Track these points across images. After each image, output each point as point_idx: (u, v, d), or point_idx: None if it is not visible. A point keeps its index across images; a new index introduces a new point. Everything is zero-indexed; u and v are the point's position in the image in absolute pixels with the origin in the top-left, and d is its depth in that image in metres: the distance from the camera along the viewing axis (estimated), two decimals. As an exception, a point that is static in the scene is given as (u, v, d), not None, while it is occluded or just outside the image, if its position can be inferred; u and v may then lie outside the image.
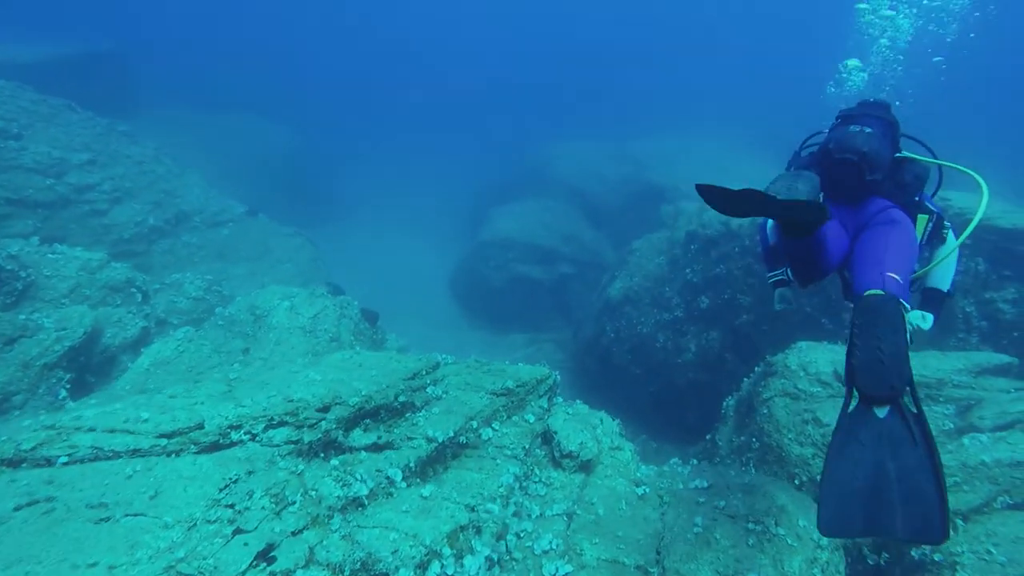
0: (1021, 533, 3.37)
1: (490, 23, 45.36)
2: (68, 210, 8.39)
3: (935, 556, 3.45)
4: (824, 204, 2.06)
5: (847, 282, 2.91)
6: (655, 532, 3.42)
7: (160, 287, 7.70)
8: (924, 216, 2.85)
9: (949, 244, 2.94)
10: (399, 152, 27.96)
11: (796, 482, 4.20)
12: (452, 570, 2.68)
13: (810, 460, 4.14)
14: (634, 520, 3.51)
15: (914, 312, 2.77)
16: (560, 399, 4.61)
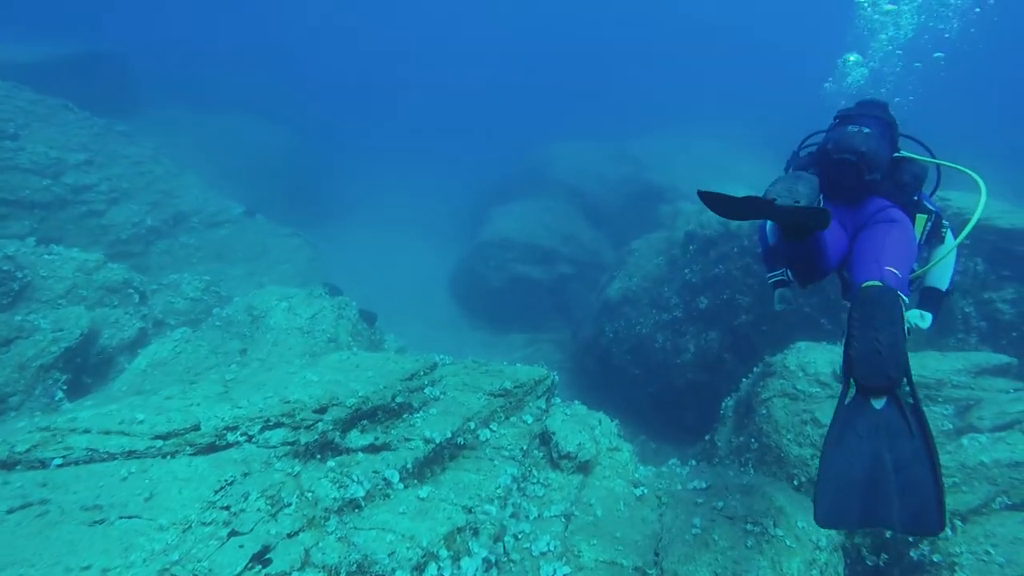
0: (1020, 534, 3.36)
1: (489, 23, 45.37)
2: (65, 211, 8.36)
3: (934, 557, 3.44)
4: (826, 209, 2.06)
5: (846, 282, 2.90)
6: (653, 533, 3.40)
7: (158, 288, 7.67)
8: (923, 216, 2.84)
9: (948, 243, 2.94)
10: (398, 152, 27.96)
11: (795, 483, 4.19)
12: (449, 572, 2.67)
13: (809, 461, 4.13)
14: (632, 521, 3.49)
15: (912, 311, 2.77)
16: (558, 400, 4.60)
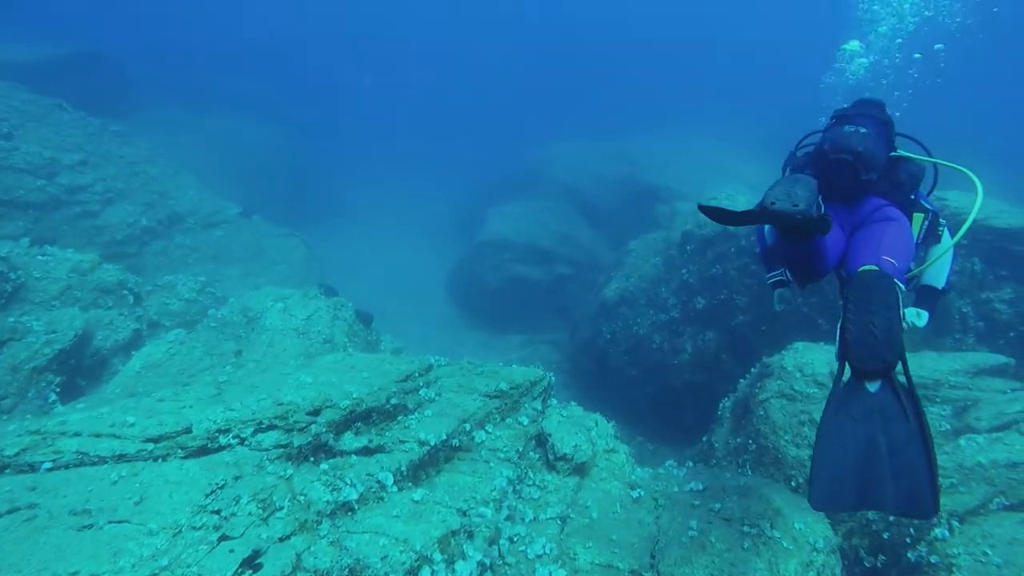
0: (1017, 534, 3.34)
1: (489, 23, 45.35)
2: (59, 211, 8.31)
3: (931, 558, 3.42)
4: (827, 215, 2.06)
5: (844, 281, 2.89)
6: (650, 536, 3.38)
7: (153, 289, 7.64)
8: (920, 214, 2.84)
9: (945, 242, 2.93)
10: (396, 152, 27.93)
11: (793, 484, 4.17)
12: (443, 576, 2.64)
13: (806, 462, 4.11)
14: (628, 523, 3.47)
15: (909, 309, 2.78)
16: (554, 401, 4.58)
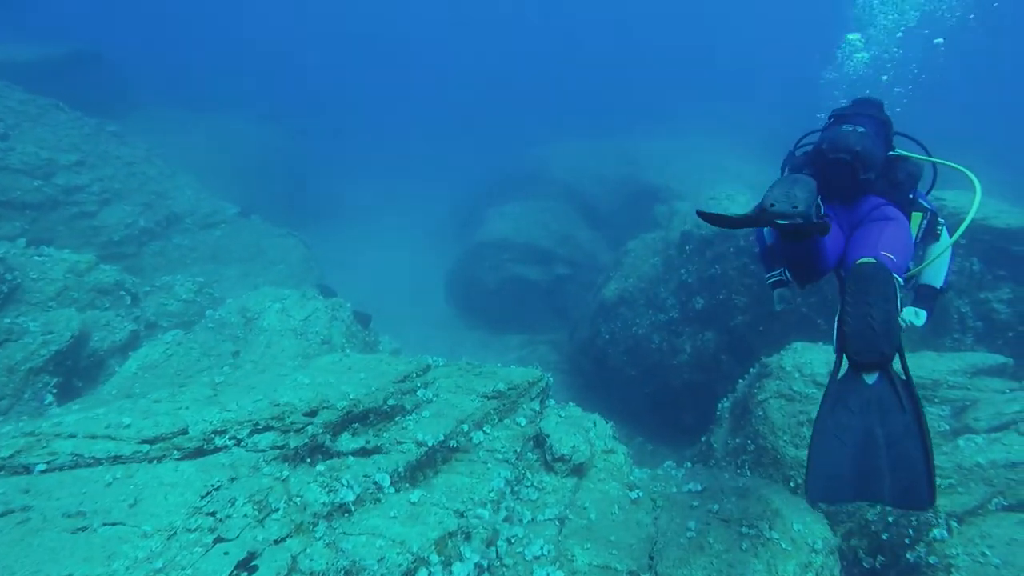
0: (1016, 535, 3.34)
1: (488, 22, 45.34)
2: (56, 212, 8.28)
3: (930, 559, 3.41)
4: (826, 216, 2.05)
5: (843, 280, 2.89)
6: (648, 537, 3.37)
7: (150, 290, 7.61)
8: (918, 214, 2.84)
9: (943, 241, 2.93)
10: (395, 151, 27.92)
11: (791, 484, 4.17)
12: (440, 578, 2.63)
13: (806, 462, 4.10)
14: (627, 525, 3.46)
15: (908, 308, 2.79)
16: (552, 402, 4.56)
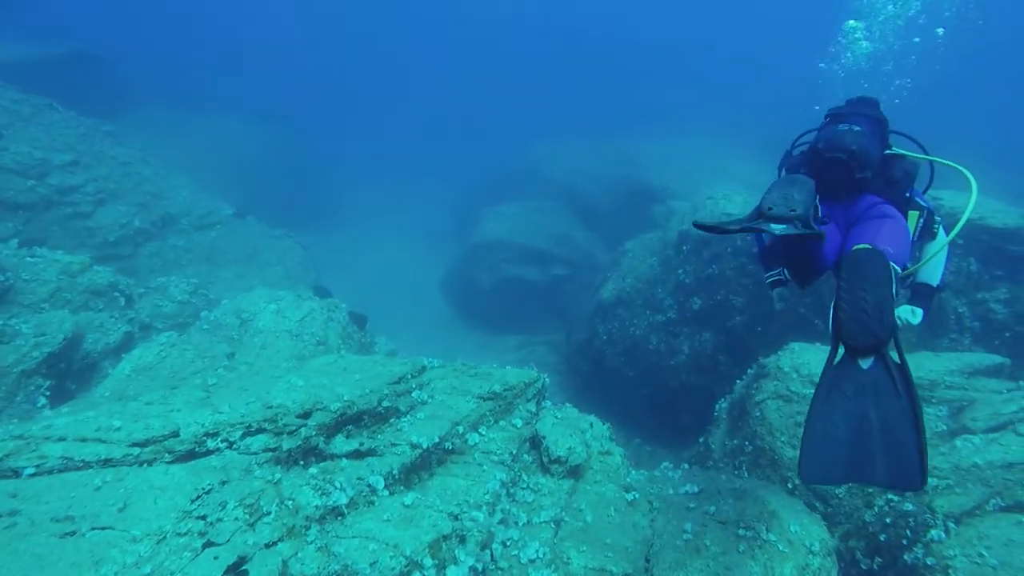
0: (1013, 536, 3.32)
1: (488, 22, 45.31)
2: (50, 212, 8.23)
3: (928, 560, 3.40)
4: (824, 219, 2.05)
5: (838, 267, 2.89)
6: (644, 539, 3.35)
7: (145, 291, 7.56)
8: (915, 212, 2.84)
9: (940, 240, 2.93)
10: (394, 151, 27.88)
11: (789, 485, 4.15)
12: (434, 582, 2.60)
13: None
14: (623, 527, 3.43)
15: (904, 307, 2.80)
16: (549, 403, 4.54)
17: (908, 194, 2.86)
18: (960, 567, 3.26)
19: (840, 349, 2.20)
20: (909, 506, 3.65)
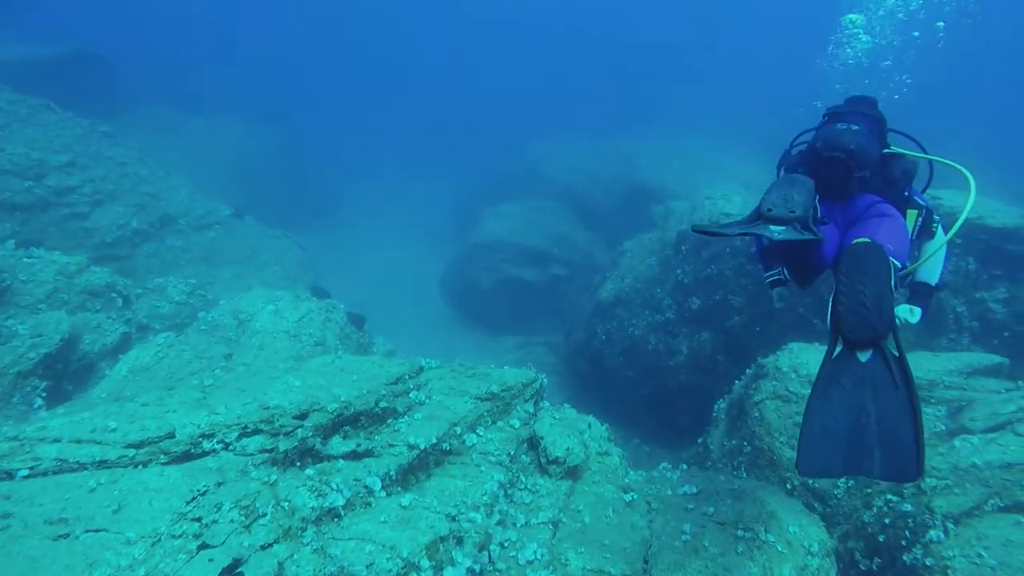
0: (1012, 536, 3.32)
1: (487, 22, 45.29)
2: (47, 213, 8.21)
3: (927, 561, 3.39)
4: (823, 219, 2.04)
5: (837, 261, 2.89)
6: (643, 540, 3.33)
7: (142, 292, 7.55)
8: (914, 211, 2.84)
9: (938, 239, 2.93)
10: (391, 152, 27.85)
11: (788, 486, 4.14)
12: (430, 584, 2.58)
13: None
14: (621, 528, 3.42)
15: (903, 306, 2.80)
16: (547, 403, 4.53)
17: (907, 193, 2.86)
18: (959, 567, 3.25)
19: (839, 342, 2.19)
20: (908, 507, 3.65)
